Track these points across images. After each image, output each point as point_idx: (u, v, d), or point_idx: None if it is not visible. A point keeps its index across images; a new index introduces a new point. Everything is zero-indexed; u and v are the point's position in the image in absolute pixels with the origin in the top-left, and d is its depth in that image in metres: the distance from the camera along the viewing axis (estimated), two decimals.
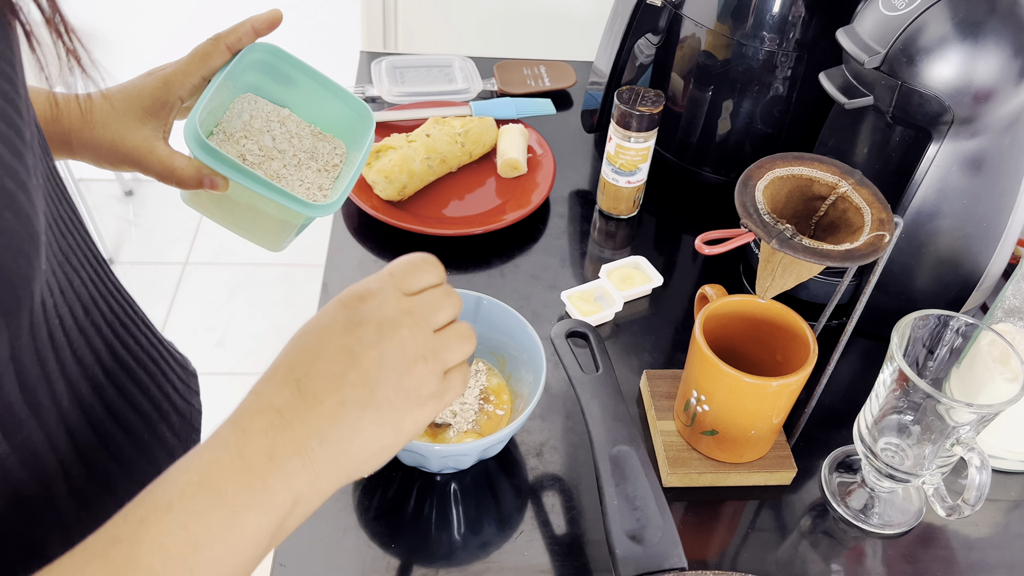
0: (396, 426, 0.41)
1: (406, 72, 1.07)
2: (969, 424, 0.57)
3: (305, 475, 0.38)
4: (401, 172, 0.86)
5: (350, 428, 0.40)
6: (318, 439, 0.39)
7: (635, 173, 0.88)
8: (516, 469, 0.67)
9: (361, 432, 0.40)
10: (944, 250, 0.72)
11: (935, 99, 0.64)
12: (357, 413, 0.40)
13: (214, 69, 0.58)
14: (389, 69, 1.06)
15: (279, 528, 0.38)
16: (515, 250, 0.87)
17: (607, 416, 0.58)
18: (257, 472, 0.37)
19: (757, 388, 0.60)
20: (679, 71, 0.91)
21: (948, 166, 0.68)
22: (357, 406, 0.40)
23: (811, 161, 0.58)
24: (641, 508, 0.55)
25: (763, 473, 0.67)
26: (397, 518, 0.63)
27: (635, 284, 0.82)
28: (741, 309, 0.65)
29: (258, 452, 0.38)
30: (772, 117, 0.89)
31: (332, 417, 0.39)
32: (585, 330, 0.64)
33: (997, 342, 0.63)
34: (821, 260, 0.52)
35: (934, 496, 0.61)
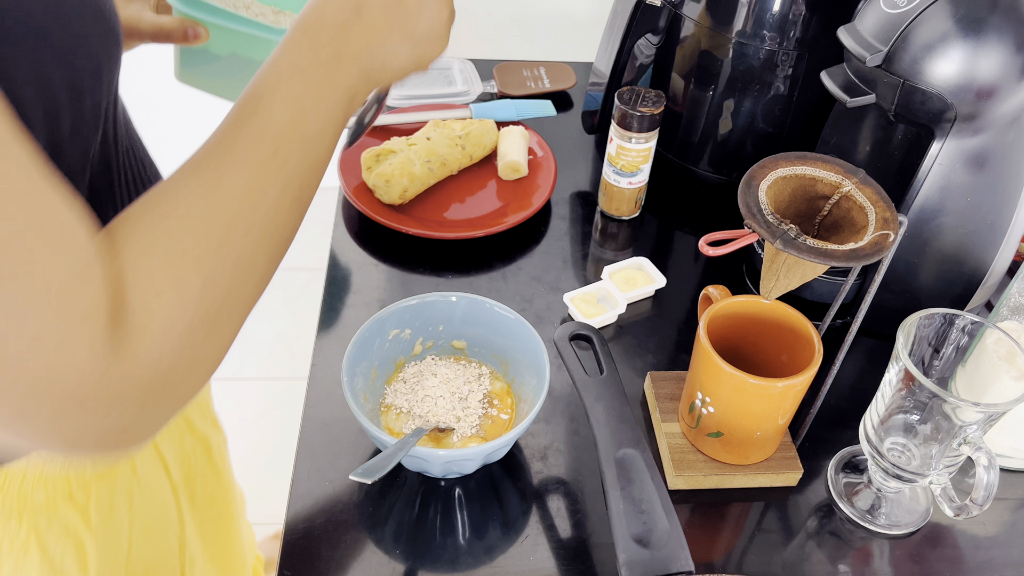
0: (423, 57, 0.52)
1: None
2: (976, 423, 0.57)
3: (360, 74, 0.48)
4: (402, 176, 0.85)
5: (392, 49, 0.50)
6: (369, 52, 0.49)
7: (636, 174, 0.87)
8: (521, 473, 0.67)
9: (399, 55, 0.50)
10: (948, 248, 0.72)
11: (938, 96, 0.64)
12: (399, 41, 0.50)
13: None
14: None
15: (345, 108, 0.48)
16: (517, 252, 0.87)
17: (612, 419, 0.58)
18: (328, 68, 0.46)
19: (762, 389, 0.60)
20: (679, 71, 0.91)
21: (951, 164, 0.68)
22: (399, 36, 0.50)
23: (814, 160, 0.57)
24: (647, 511, 0.54)
25: (769, 475, 0.67)
26: (402, 524, 0.63)
27: (638, 285, 0.82)
28: (745, 310, 0.65)
29: (328, 54, 0.46)
30: (773, 116, 0.89)
31: (382, 36, 0.49)
32: (589, 332, 0.64)
33: (1003, 340, 0.63)
34: (826, 260, 0.51)
35: (942, 496, 0.61)
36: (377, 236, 0.87)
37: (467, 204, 0.91)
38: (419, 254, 0.85)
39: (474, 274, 0.84)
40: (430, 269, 0.84)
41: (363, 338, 0.65)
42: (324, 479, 0.65)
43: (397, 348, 0.69)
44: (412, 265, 0.84)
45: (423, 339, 0.70)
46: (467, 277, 0.84)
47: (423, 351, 0.71)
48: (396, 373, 0.69)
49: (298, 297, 1.98)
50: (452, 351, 0.71)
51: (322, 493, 0.64)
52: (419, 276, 0.83)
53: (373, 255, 0.85)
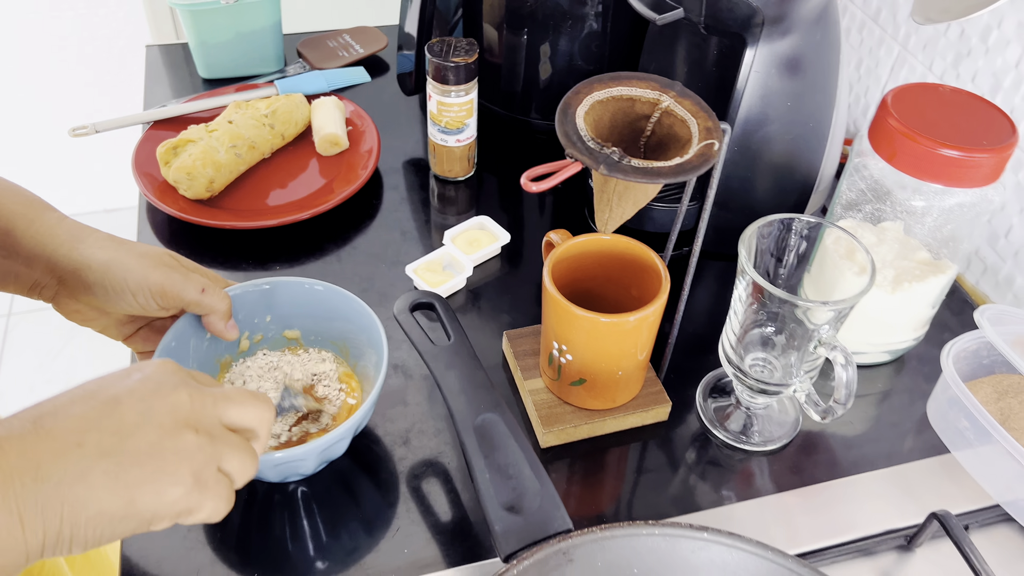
0: (130, 491, 0.35)
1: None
2: (828, 323, 0.56)
3: (4, 514, 0.32)
4: (205, 166, 0.77)
5: (77, 471, 0.34)
6: (32, 473, 0.33)
7: (463, 130, 0.83)
8: (383, 463, 0.62)
9: (87, 480, 0.34)
10: (777, 157, 0.72)
11: (743, 2, 0.62)
12: (93, 458, 0.34)
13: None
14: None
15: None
16: (350, 231, 0.81)
17: (466, 386, 0.54)
18: None
19: (615, 327, 0.57)
20: (490, 20, 0.87)
21: (767, 70, 0.67)
22: (96, 451, 0.34)
23: (629, 79, 0.54)
24: (515, 476, 0.51)
25: (639, 413, 0.64)
26: (259, 540, 0.56)
27: (483, 246, 0.78)
28: (588, 249, 0.62)
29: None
30: (591, 52, 0.86)
31: (59, 454, 0.33)
32: (430, 299, 0.59)
33: (841, 238, 0.63)
34: (654, 179, 0.49)
35: (807, 402, 0.60)
36: (191, 236, 0.78)
37: (288, 188, 0.84)
38: (242, 249, 0.78)
39: (305, 261, 0.77)
40: (255, 263, 0.77)
41: (171, 344, 0.57)
42: None
43: (220, 347, 0.62)
44: (235, 262, 0.77)
45: (249, 333, 0.63)
46: (298, 265, 0.77)
47: (251, 346, 0.64)
48: (222, 374, 0.62)
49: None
50: (286, 342, 0.65)
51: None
52: (244, 273, 0.76)
53: (191, 258, 0.77)
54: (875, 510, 0.61)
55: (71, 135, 0.83)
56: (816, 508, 0.61)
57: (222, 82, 0.97)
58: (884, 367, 0.72)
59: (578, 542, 0.48)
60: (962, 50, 0.77)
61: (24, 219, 0.51)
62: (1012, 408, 0.65)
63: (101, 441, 0.34)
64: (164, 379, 0.38)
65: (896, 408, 0.69)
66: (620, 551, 0.49)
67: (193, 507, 0.37)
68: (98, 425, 0.35)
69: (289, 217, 0.77)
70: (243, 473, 0.40)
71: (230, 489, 0.39)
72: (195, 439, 0.37)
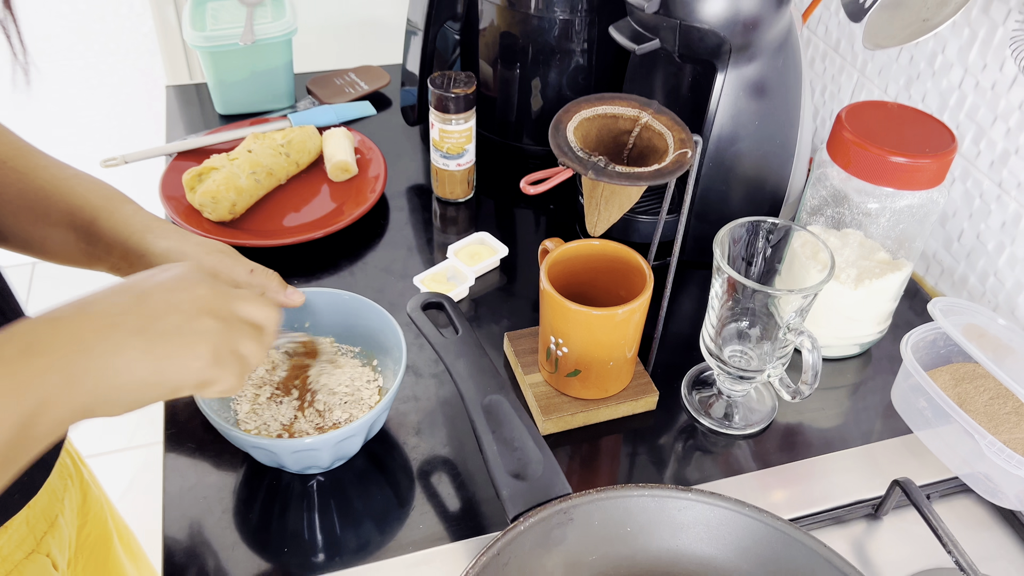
0: (159, 362, 0.42)
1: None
2: (795, 311, 0.63)
3: (56, 376, 0.39)
4: (228, 190, 0.84)
5: (114, 345, 0.41)
6: (77, 345, 0.40)
7: (463, 155, 0.90)
8: (396, 452, 0.68)
9: (123, 353, 0.41)
10: (749, 171, 0.79)
11: (711, 32, 0.70)
12: (126, 335, 0.41)
13: None
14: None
15: (24, 424, 0.38)
16: (361, 248, 0.88)
17: (474, 371, 0.60)
18: (5, 363, 0.38)
19: (606, 319, 0.64)
20: (485, 58, 0.95)
21: (736, 93, 0.75)
22: (128, 330, 0.41)
23: (612, 99, 0.62)
24: (520, 448, 0.57)
25: (629, 402, 0.71)
26: (291, 522, 0.62)
27: (483, 258, 0.85)
28: (580, 252, 0.69)
29: (14, 348, 0.38)
30: (578, 83, 0.94)
31: (99, 331, 0.40)
32: (439, 299, 0.66)
33: (808, 241, 0.70)
34: (635, 182, 0.56)
35: (780, 385, 0.67)
36: None
37: (302, 211, 0.91)
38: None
39: (321, 276, 0.84)
40: None
41: None
42: (197, 496, 0.64)
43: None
44: None
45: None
46: (315, 280, 0.84)
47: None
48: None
49: None
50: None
51: (196, 510, 0.63)
52: None
53: None
54: (845, 483, 0.67)
55: (103, 166, 0.90)
56: (792, 482, 0.67)
57: (237, 117, 1.04)
58: (853, 360, 0.79)
59: (577, 503, 0.54)
60: (912, 74, 0.85)
61: (105, 211, 0.59)
62: (968, 393, 0.72)
63: (134, 323, 0.41)
64: (188, 275, 0.46)
65: (864, 395, 0.76)
66: (614, 511, 0.55)
67: (212, 379, 0.45)
68: (131, 310, 0.42)
69: (305, 236, 0.84)
70: (254, 357, 0.47)
71: (244, 368, 0.47)
72: (214, 323, 0.44)
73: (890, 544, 0.64)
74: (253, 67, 1.00)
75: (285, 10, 1.02)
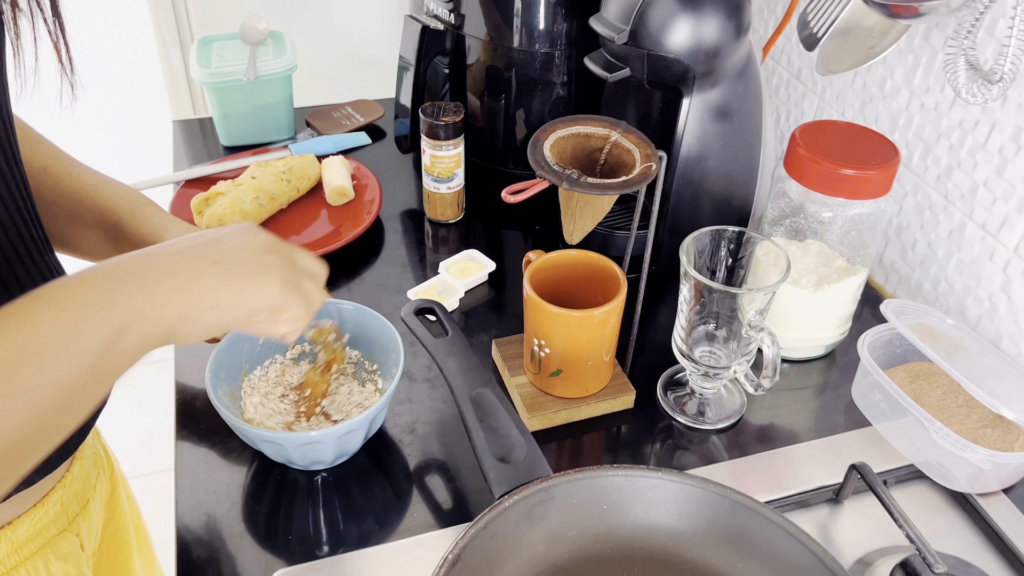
0: (237, 285, 0.47)
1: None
2: (757, 310, 0.69)
3: (143, 295, 0.43)
4: (233, 213, 0.90)
5: (195, 271, 0.46)
6: (162, 271, 0.45)
7: (452, 179, 0.97)
8: (393, 449, 0.73)
9: (203, 276, 0.46)
10: (716, 188, 0.86)
11: (676, 61, 0.77)
12: (206, 264, 0.46)
13: None
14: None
15: (111, 338, 0.42)
16: (358, 267, 0.94)
17: (463, 367, 0.66)
18: (95, 284, 0.42)
19: (584, 319, 0.69)
20: (473, 91, 1.02)
21: (701, 115, 0.81)
22: (207, 260, 0.47)
23: (585, 120, 0.69)
24: (505, 435, 0.62)
25: (608, 400, 0.76)
26: (290, 514, 0.67)
27: (472, 273, 0.91)
28: (560, 261, 0.75)
29: (102, 273, 0.43)
30: (558, 112, 1.01)
31: (181, 260, 0.46)
32: (431, 305, 0.72)
33: (770, 250, 0.76)
34: (605, 191, 0.62)
35: (745, 379, 0.72)
36: None
37: (303, 234, 0.97)
38: None
39: None
40: None
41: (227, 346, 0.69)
42: (208, 491, 0.69)
43: (273, 348, 0.74)
44: None
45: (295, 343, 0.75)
46: None
47: (301, 354, 0.75)
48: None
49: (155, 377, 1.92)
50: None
51: (208, 504, 0.68)
52: None
53: None
54: (809, 471, 0.72)
55: None
56: (760, 471, 0.72)
57: (240, 148, 1.11)
58: (818, 361, 0.84)
59: (557, 482, 0.59)
60: (866, 97, 0.92)
61: (129, 213, 0.65)
62: (923, 389, 0.77)
63: (211, 254, 0.47)
64: (251, 227, 0.52)
65: (828, 393, 0.81)
66: (591, 490, 0.60)
67: (284, 304, 0.50)
68: (207, 246, 0.48)
69: None
70: (316, 296, 0.53)
71: (310, 304, 0.52)
72: (280, 259, 0.50)
73: (850, 526, 0.69)
74: (255, 101, 1.07)
75: (286, 48, 1.09)
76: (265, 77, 1.05)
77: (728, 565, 0.59)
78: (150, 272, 0.45)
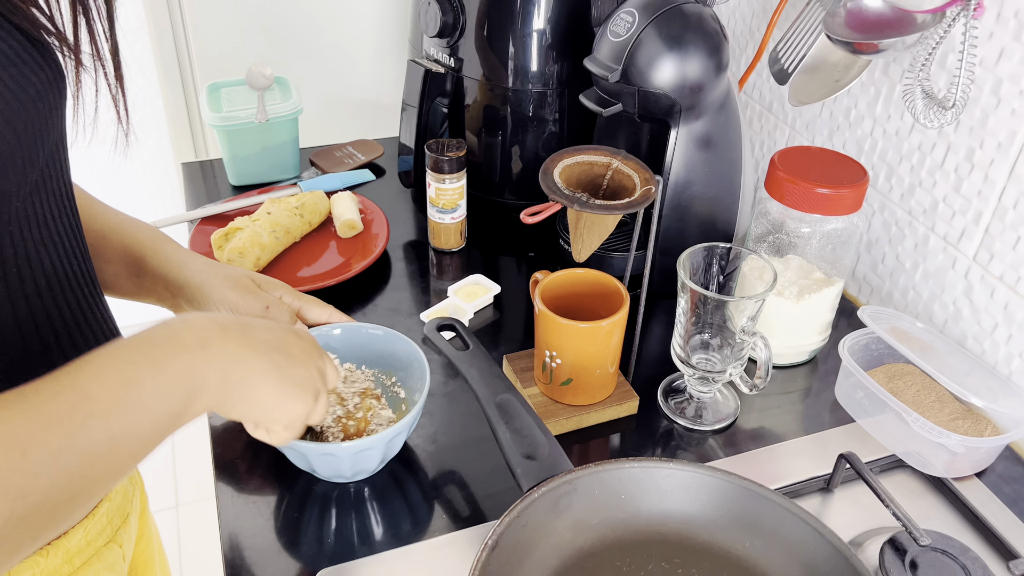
0: (281, 399, 0.54)
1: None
2: (748, 317, 0.76)
3: (216, 373, 0.49)
4: (253, 246, 0.96)
5: (261, 370, 0.52)
6: (239, 357, 0.51)
7: (456, 210, 1.04)
8: (415, 456, 0.78)
9: (265, 379, 0.52)
10: (703, 211, 0.93)
11: (665, 96, 0.85)
12: (272, 366, 0.53)
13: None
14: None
15: (186, 403, 0.47)
16: (370, 294, 1.00)
17: (486, 376, 0.72)
18: (188, 349, 0.48)
19: (593, 330, 0.76)
20: (471, 128, 1.09)
21: (687, 145, 0.89)
22: (274, 364, 0.53)
23: (588, 150, 0.76)
24: (528, 435, 0.68)
25: (614, 407, 0.83)
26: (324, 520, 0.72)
27: (479, 296, 0.97)
28: (567, 279, 0.81)
29: (193, 339, 0.48)
30: (551, 147, 1.09)
31: (256, 355, 0.52)
32: (451, 321, 0.78)
33: (755, 264, 0.84)
34: (612, 211, 0.69)
35: (739, 381, 0.79)
36: None
37: (315, 265, 1.03)
38: None
39: None
40: None
41: None
42: (248, 502, 0.73)
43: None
44: None
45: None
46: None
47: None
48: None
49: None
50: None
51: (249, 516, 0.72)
52: None
53: None
54: (800, 464, 0.79)
55: None
56: (755, 465, 0.79)
57: (248, 188, 1.17)
58: (802, 367, 0.92)
59: (579, 475, 0.65)
60: (833, 126, 1.01)
61: (151, 249, 0.71)
62: (899, 387, 0.85)
63: (279, 361, 0.54)
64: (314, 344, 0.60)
65: (813, 395, 0.88)
66: (610, 481, 0.66)
67: (306, 416, 0.58)
68: (279, 350, 0.54)
69: (320, 283, 0.96)
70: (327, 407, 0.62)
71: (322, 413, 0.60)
72: (319, 375, 0.58)
73: (841, 512, 0.76)
74: (264, 143, 1.13)
75: (291, 92, 1.16)
76: (274, 119, 1.11)
77: (737, 544, 0.65)
78: (230, 353, 0.51)
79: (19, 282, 0.53)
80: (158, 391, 0.45)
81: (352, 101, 1.50)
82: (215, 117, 1.10)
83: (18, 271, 0.53)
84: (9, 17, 0.48)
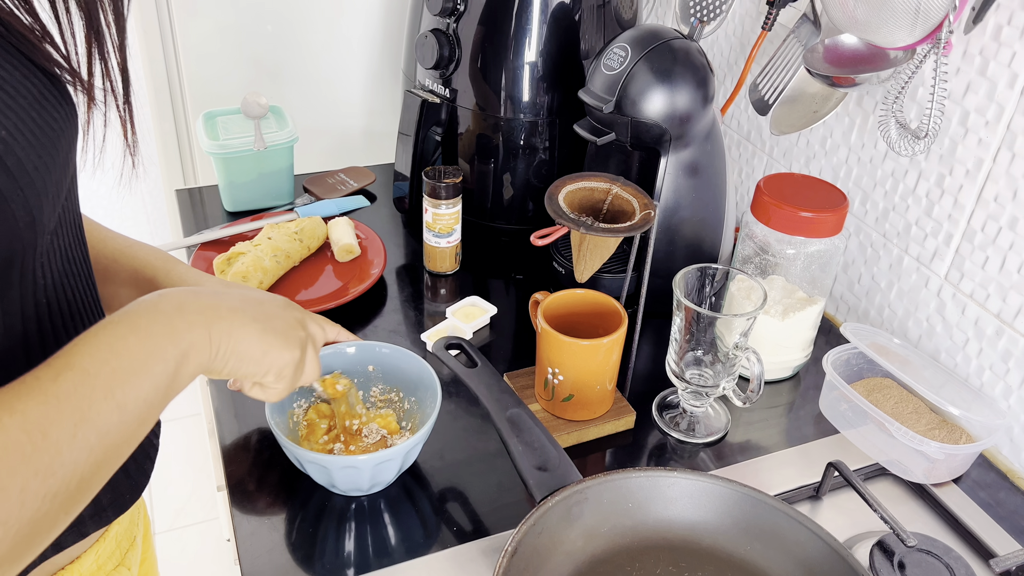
0: (267, 345, 0.57)
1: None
2: (740, 333, 0.81)
3: (200, 330, 0.51)
4: (256, 270, 0.98)
5: (240, 323, 0.55)
6: (215, 313, 0.53)
7: (451, 234, 1.07)
8: (423, 472, 0.81)
9: (245, 328, 0.55)
10: (690, 234, 0.98)
11: (655, 125, 0.90)
12: (251, 319, 0.56)
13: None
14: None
15: (178, 364, 0.49)
16: (370, 316, 1.02)
17: (496, 392, 0.75)
18: (167, 313, 0.50)
19: (593, 348, 0.80)
20: (464, 156, 1.13)
21: (676, 172, 0.94)
22: (250, 317, 0.56)
23: (589, 176, 0.80)
24: (539, 448, 0.71)
25: (612, 421, 0.86)
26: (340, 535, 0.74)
27: (476, 317, 1.00)
28: (567, 300, 0.85)
29: (170, 304, 0.51)
30: (542, 174, 1.13)
31: (232, 309, 0.55)
32: (458, 340, 0.81)
33: (743, 284, 0.88)
34: (615, 234, 0.73)
35: (732, 394, 0.83)
36: None
37: (312, 288, 1.05)
38: None
39: None
40: None
41: None
42: (262, 519, 0.75)
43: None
44: None
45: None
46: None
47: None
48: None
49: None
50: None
51: (264, 532, 0.74)
52: None
53: None
54: (789, 473, 0.83)
55: None
56: (746, 475, 0.83)
57: (243, 214, 1.19)
58: (787, 382, 0.96)
59: (590, 484, 0.69)
60: (810, 154, 1.07)
61: (163, 271, 0.73)
62: (879, 400, 0.90)
63: (255, 314, 0.57)
64: (288, 303, 0.64)
65: (797, 408, 0.93)
66: (619, 490, 0.69)
67: (297, 365, 0.61)
68: (254, 307, 0.57)
69: (321, 306, 0.99)
70: (318, 363, 0.67)
71: (314, 368, 0.64)
72: (304, 333, 0.62)
73: (830, 518, 0.80)
74: (260, 170, 1.16)
75: (287, 121, 1.18)
76: (271, 147, 1.14)
77: (739, 548, 0.69)
78: (206, 312, 0.53)
79: (47, 312, 0.54)
80: (149, 356, 0.48)
81: (340, 129, 1.53)
82: (213, 145, 1.12)
83: (47, 302, 0.54)
84: (29, 55, 0.49)
